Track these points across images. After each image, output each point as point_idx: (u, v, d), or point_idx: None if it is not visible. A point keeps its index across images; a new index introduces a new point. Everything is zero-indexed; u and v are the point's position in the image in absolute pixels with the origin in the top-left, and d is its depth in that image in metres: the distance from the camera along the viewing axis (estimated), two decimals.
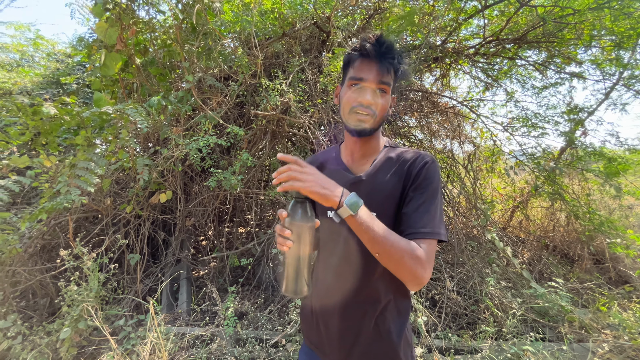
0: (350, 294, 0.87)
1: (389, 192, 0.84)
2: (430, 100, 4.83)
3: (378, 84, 0.81)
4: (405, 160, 0.87)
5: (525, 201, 4.79)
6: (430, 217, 0.79)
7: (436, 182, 0.83)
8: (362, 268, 0.86)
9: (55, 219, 2.54)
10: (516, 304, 2.02)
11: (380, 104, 0.82)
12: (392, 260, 0.71)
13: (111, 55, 2.25)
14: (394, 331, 0.86)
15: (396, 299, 0.88)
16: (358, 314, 0.86)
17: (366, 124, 0.83)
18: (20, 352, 1.97)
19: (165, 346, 1.88)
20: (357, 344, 0.87)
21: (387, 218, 0.82)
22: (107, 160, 2.44)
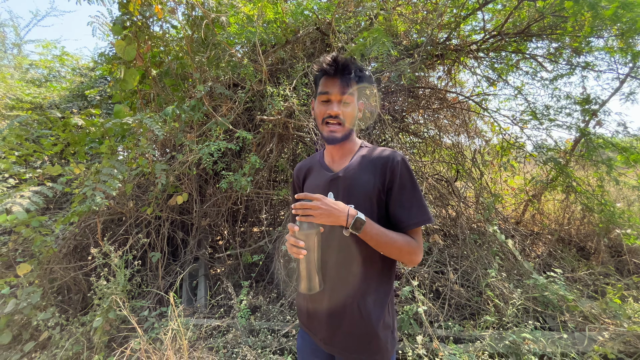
0: (336, 281, 0.99)
1: (364, 186, 0.97)
2: (438, 96, 4.86)
3: (341, 96, 0.96)
4: (379, 158, 1.00)
5: (538, 195, 4.72)
6: (416, 209, 0.94)
7: (412, 176, 0.98)
8: (346, 260, 0.99)
9: (85, 222, 2.78)
10: (517, 294, 2.07)
11: (347, 112, 0.98)
12: (393, 254, 0.91)
13: (130, 71, 2.46)
14: (374, 314, 0.96)
15: (377, 286, 0.99)
16: (343, 298, 0.98)
17: (337, 133, 0.98)
18: (59, 340, 2.21)
19: (185, 334, 2.06)
20: (341, 324, 0.98)
21: (364, 208, 0.95)
22: (129, 166, 2.66)
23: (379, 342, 0.95)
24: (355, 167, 1.01)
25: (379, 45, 2.24)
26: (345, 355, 0.98)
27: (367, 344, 0.95)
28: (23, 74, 5.57)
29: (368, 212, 0.96)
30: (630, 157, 3.44)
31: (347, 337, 0.97)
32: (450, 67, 4.36)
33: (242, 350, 2.19)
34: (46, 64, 5.46)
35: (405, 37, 4.20)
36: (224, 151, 2.88)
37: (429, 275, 2.49)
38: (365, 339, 0.96)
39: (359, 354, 0.96)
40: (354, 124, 1.03)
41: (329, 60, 0.96)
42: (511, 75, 4.64)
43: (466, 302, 2.35)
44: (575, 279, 2.92)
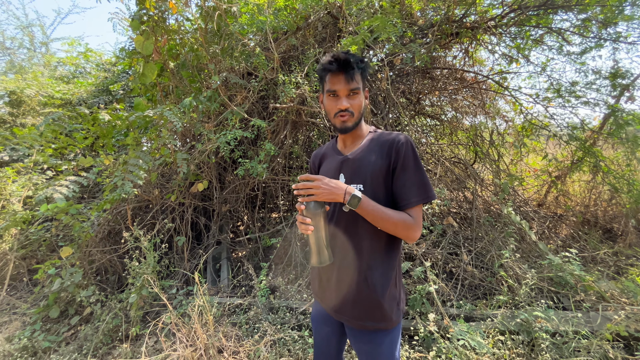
0: (345, 253, 1.08)
1: (372, 167, 1.05)
2: (456, 77, 4.71)
3: (348, 91, 1.04)
4: (386, 141, 1.07)
5: (562, 176, 4.56)
6: (416, 188, 1.01)
7: (416, 156, 1.04)
8: (353, 234, 1.07)
9: (116, 209, 3.01)
10: (530, 274, 2.08)
11: (355, 104, 1.05)
12: (389, 230, 0.99)
13: (149, 66, 2.58)
14: (380, 285, 1.04)
15: (383, 260, 1.06)
16: (350, 269, 1.07)
17: (348, 122, 1.07)
18: (100, 315, 2.45)
19: (210, 310, 2.23)
20: (349, 294, 1.07)
21: (372, 188, 1.04)
22: (152, 156, 2.83)
23: (384, 312, 1.03)
24: (363, 150, 1.10)
25: (389, 28, 2.22)
26: (353, 322, 1.08)
27: (372, 312, 1.03)
28: (52, 71, 5.89)
29: (376, 191, 1.03)
30: None
31: (354, 306, 1.06)
32: (468, 45, 4.20)
33: (263, 326, 2.35)
34: (72, 60, 5.74)
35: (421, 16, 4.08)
36: (241, 139, 2.99)
37: (443, 256, 2.53)
38: (370, 308, 1.04)
39: (364, 321, 1.05)
40: (363, 113, 1.10)
41: (330, 59, 1.03)
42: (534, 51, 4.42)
43: (479, 283, 2.38)
44: (597, 261, 2.86)
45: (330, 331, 1.23)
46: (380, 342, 1.05)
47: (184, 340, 2.06)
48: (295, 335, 2.22)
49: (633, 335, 1.83)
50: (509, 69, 4.55)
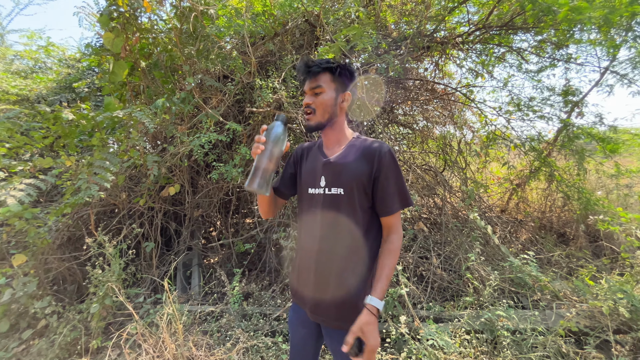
0: (322, 254, 1.10)
1: (354, 172, 1.08)
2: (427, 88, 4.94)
3: (310, 90, 1.11)
4: (368, 148, 1.11)
5: (522, 184, 4.89)
6: (398, 195, 1.08)
7: (397, 166, 1.10)
8: (332, 238, 1.10)
9: (77, 213, 2.83)
10: (494, 276, 2.21)
11: (318, 101, 1.10)
12: None
13: (118, 64, 2.48)
14: (356, 287, 1.07)
15: (359, 262, 1.09)
16: (329, 270, 1.09)
17: (310, 121, 1.13)
18: (56, 327, 2.28)
19: (180, 319, 2.15)
20: (326, 295, 1.09)
21: (352, 194, 1.08)
22: (120, 158, 2.70)
23: (359, 313, 1.06)
24: (346, 155, 1.13)
25: (365, 39, 2.30)
26: (328, 322, 1.10)
27: (349, 313, 1.06)
28: (7, 65, 5.46)
29: (355, 197, 1.07)
30: (607, 147, 3.59)
31: (330, 307, 1.08)
32: (438, 59, 4.43)
33: (235, 333, 2.30)
34: (31, 54, 5.36)
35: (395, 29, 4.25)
36: (215, 143, 2.93)
37: (414, 260, 2.62)
38: (346, 309, 1.06)
39: (340, 322, 1.07)
40: (331, 112, 1.13)
41: (300, 65, 1.12)
42: (497, 67, 4.75)
43: (447, 285, 2.49)
44: (551, 262, 3.09)
45: (307, 333, 1.24)
46: None
47: (150, 352, 1.97)
48: (268, 341, 2.19)
49: (582, 331, 2.00)
50: (475, 82, 4.85)
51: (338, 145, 1.18)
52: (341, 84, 1.13)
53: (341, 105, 1.15)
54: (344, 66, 1.12)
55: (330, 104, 1.11)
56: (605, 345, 1.95)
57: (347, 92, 1.15)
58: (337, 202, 1.09)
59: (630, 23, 3.30)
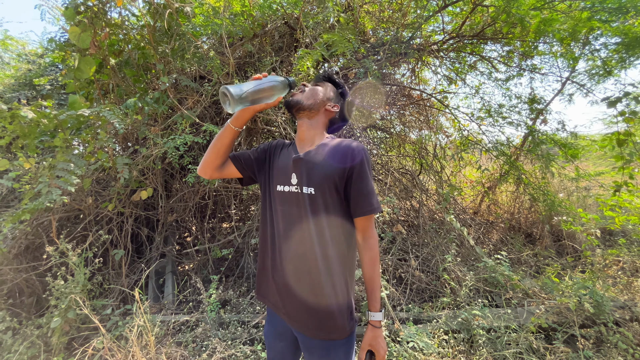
0: (296, 257, 1.06)
1: (325, 169, 1.05)
2: (404, 93, 5.07)
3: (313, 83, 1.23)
4: (342, 147, 1.08)
5: (493, 186, 5.11)
6: (369, 198, 1.05)
7: (368, 168, 1.07)
8: (309, 241, 1.05)
9: (37, 219, 2.61)
10: (469, 277, 2.28)
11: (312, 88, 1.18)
12: None
13: (85, 60, 2.33)
14: (333, 295, 1.03)
15: (337, 268, 1.05)
16: (301, 273, 1.05)
17: (296, 96, 1.15)
18: (11, 345, 2.08)
19: (152, 330, 2.03)
20: (302, 302, 1.05)
21: (324, 194, 1.04)
22: (87, 160, 2.53)
23: (336, 321, 1.02)
24: (318, 152, 1.09)
25: (344, 44, 2.31)
26: (306, 330, 1.05)
27: (326, 322, 1.02)
28: None
29: (328, 197, 1.04)
30: (568, 152, 3.84)
31: (307, 315, 1.04)
32: (414, 65, 4.56)
33: (212, 343, 2.21)
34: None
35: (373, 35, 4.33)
36: (191, 145, 2.83)
37: (393, 262, 2.65)
38: (323, 318, 1.02)
39: (317, 331, 1.03)
40: (316, 103, 1.14)
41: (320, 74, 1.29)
42: (469, 75, 4.96)
43: (426, 286, 2.54)
44: (521, 262, 3.24)
45: (284, 346, 1.19)
46: (335, 354, 1.04)
47: None
48: (247, 350, 2.12)
49: (551, 327, 2.10)
50: (449, 89, 5.04)
51: (311, 142, 1.14)
52: (337, 97, 1.22)
53: (327, 107, 1.15)
54: (345, 90, 1.25)
55: (321, 97, 1.15)
56: (572, 340, 2.06)
57: (336, 104, 1.19)
58: (309, 202, 1.05)
59: (588, 37, 3.57)
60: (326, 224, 1.06)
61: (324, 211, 1.06)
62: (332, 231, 1.06)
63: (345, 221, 1.08)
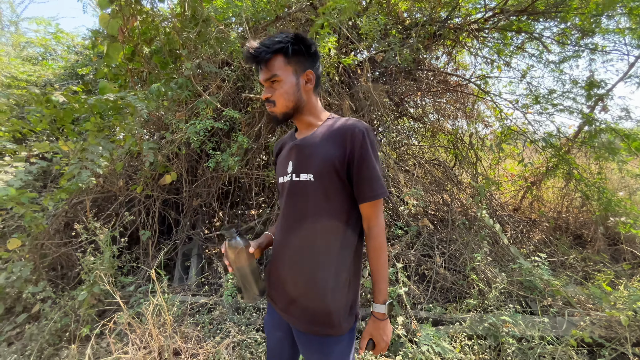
0: (293, 249, 1.00)
1: (324, 155, 0.95)
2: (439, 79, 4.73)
3: (266, 81, 0.97)
4: (341, 128, 0.97)
5: (537, 182, 4.64)
6: (372, 182, 0.93)
7: (374, 147, 0.96)
8: (308, 234, 0.98)
9: (76, 199, 2.80)
10: (500, 278, 2.06)
11: (277, 92, 0.96)
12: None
13: (113, 46, 2.40)
14: (329, 287, 0.95)
15: (337, 262, 0.97)
16: (300, 267, 0.98)
17: (275, 113, 1.00)
18: (49, 313, 2.26)
19: (170, 310, 2.10)
20: (298, 296, 0.98)
21: (324, 180, 0.95)
22: (118, 144, 2.64)
23: (331, 317, 0.94)
24: (316, 137, 1.00)
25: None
26: (299, 324, 0.99)
27: (320, 316, 0.95)
28: (20, 51, 5.52)
29: (327, 184, 0.95)
30: (632, 144, 3.33)
31: (302, 309, 0.98)
32: (451, 48, 4.20)
33: (226, 327, 2.23)
34: (42, 41, 5.39)
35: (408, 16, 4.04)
36: (214, 131, 2.85)
37: (416, 258, 2.49)
38: (317, 312, 0.95)
39: (312, 326, 0.96)
40: (296, 100, 0.99)
41: (246, 51, 0.96)
42: (515, 58, 4.48)
43: (451, 286, 2.35)
44: (566, 266, 2.90)
45: (282, 336, 1.14)
46: (329, 351, 0.96)
47: (137, 342, 1.92)
48: (259, 337, 2.11)
49: (597, 342, 1.84)
50: (491, 73, 4.60)
51: (309, 130, 1.05)
52: (299, 64, 0.97)
53: (306, 88, 1.00)
54: (296, 40, 0.95)
55: (292, 91, 0.97)
56: (622, 359, 1.78)
57: (309, 71, 0.99)
58: (307, 190, 0.97)
59: None
60: (326, 212, 0.97)
61: (325, 199, 0.97)
62: (333, 221, 0.98)
63: (352, 209, 0.99)
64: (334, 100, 2.69)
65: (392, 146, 4.55)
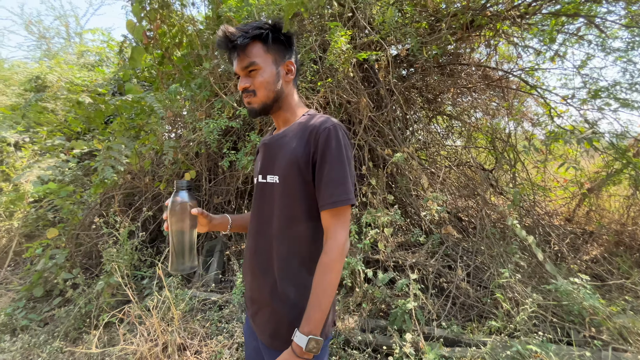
0: (260, 255, 0.93)
1: (290, 156, 0.87)
2: (479, 74, 4.35)
3: (243, 70, 0.88)
4: (309, 126, 0.88)
5: (595, 189, 4.04)
6: (331, 187, 0.82)
7: (340, 147, 0.84)
8: (269, 234, 0.91)
9: (107, 194, 3.02)
10: (531, 300, 1.77)
11: (257, 81, 0.88)
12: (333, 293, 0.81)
13: (137, 49, 2.53)
14: (289, 298, 0.87)
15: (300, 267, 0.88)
16: (263, 275, 0.91)
17: (253, 104, 0.91)
18: (77, 299, 2.45)
19: (178, 305, 2.15)
20: (261, 306, 0.91)
21: (288, 182, 0.87)
22: (142, 142, 2.79)
23: (291, 331, 0.85)
24: (285, 136, 0.92)
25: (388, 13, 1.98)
26: (263, 338, 0.92)
27: (283, 332, 0.86)
28: (80, 59, 6.17)
29: (291, 187, 0.87)
30: None
31: (266, 321, 0.90)
32: (490, 39, 3.81)
33: (233, 326, 2.23)
34: (97, 50, 5.97)
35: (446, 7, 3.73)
36: (232, 130, 2.88)
37: (435, 269, 2.27)
38: (281, 326, 0.87)
39: (273, 340, 0.88)
40: (276, 91, 0.91)
41: (218, 37, 0.87)
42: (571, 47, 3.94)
43: (473, 303, 2.10)
44: (624, 289, 2.46)
45: (257, 346, 1.07)
46: None
47: (144, 334, 1.99)
48: None
49: None
50: (540, 66, 4.10)
51: (285, 126, 0.96)
52: (279, 53, 0.91)
53: (286, 79, 0.93)
54: (276, 29, 0.88)
55: (273, 81, 0.89)
56: None
57: (289, 61, 0.93)
58: (273, 193, 0.89)
59: None
60: (293, 218, 0.89)
61: (291, 203, 0.89)
62: (300, 228, 0.89)
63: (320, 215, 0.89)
64: (350, 97, 2.57)
65: (421, 146, 4.28)
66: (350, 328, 2.12)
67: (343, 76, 2.49)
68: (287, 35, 0.92)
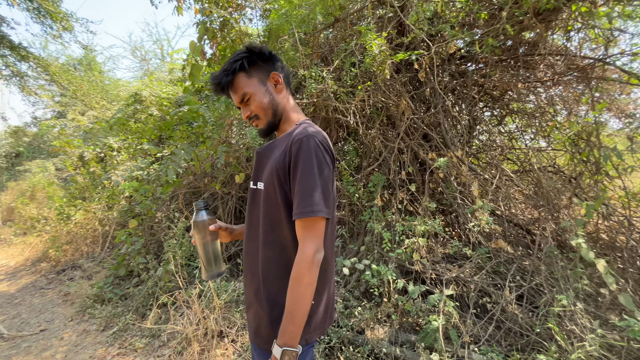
0: (250, 257, 0.99)
1: (272, 165, 0.92)
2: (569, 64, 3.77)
3: (240, 103, 0.99)
4: (292, 137, 0.91)
5: None
6: (304, 197, 0.84)
7: (311, 158, 0.86)
8: (257, 238, 0.96)
9: (174, 192, 3.49)
10: (593, 336, 1.46)
11: (252, 108, 0.97)
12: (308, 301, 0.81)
13: (196, 66, 2.88)
14: (270, 300, 0.90)
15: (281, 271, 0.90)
16: (252, 275, 0.97)
17: (260, 126, 1.01)
18: (147, 280, 2.90)
19: (219, 295, 2.37)
20: (249, 300, 0.98)
21: (270, 189, 0.92)
22: (201, 148, 3.16)
23: (270, 333, 0.89)
24: (276, 144, 0.98)
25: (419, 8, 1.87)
26: (249, 332, 1.00)
27: (264, 331, 0.91)
28: (168, 76, 7.23)
29: (271, 194, 0.92)
30: None
31: (252, 318, 0.97)
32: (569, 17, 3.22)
33: None
34: (182, 67, 6.93)
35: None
36: None
37: (477, 286, 2.04)
38: (263, 325, 0.92)
39: (256, 337, 0.94)
40: (273, 106, 0.98)
41: (211, 85, 0.98)
42: None
43: (520, 330, 1.82)
44: None
45: None
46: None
47: (190, 318, 2.25)
48: None
49: None
50: None
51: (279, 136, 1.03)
52: (261, 71, 0.97)
53: (277, 90, 0.99)
54: (249, 52, 0.95)
55: (266, 100, 0.97)
56: None
57: (273, 73, 0.98)
58: (259, 199, 0.95)
59: None
60: (276, 224, 0.95)
61: (273, 210, 0.94)
62: (282, 233, 0.94)
63: None
64: (389, 100, 2.48)
65: (481, 149, 3.87)
66: (378, 339, 2.06)
67: (382, 79, 2.42)
68: (259, 53, 0.97)
